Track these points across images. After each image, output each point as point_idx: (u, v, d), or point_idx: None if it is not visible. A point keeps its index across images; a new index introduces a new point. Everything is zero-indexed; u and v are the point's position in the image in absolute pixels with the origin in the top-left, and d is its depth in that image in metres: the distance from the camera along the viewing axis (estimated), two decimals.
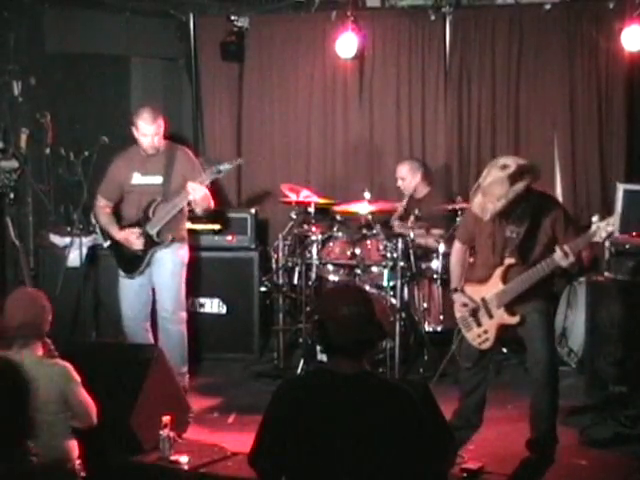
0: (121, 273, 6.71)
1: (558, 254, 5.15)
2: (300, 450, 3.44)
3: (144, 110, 6.52)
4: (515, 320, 5.41)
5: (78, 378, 4.57)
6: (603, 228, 5.11)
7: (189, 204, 6.59)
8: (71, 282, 7.20)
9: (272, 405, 3.57)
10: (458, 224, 6.00)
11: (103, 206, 6.74)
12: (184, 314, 6.76)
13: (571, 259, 5.13)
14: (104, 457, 5.07)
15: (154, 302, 6.72)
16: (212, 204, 6.73)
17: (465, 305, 5.53)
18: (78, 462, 4.58)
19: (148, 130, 6.48)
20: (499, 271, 5.42)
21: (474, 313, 5.52)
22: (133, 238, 6.54)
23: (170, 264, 6.64)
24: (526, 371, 5.92)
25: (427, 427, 3.49)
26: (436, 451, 3.63)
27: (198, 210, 6.69)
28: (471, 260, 5.86)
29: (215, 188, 6.97)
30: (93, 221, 7.54)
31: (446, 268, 6.55)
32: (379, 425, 3.36)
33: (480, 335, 5.54)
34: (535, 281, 5.29)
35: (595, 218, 5.20)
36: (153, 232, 6.53)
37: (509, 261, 5.40)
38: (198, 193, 6.44)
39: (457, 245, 5.80)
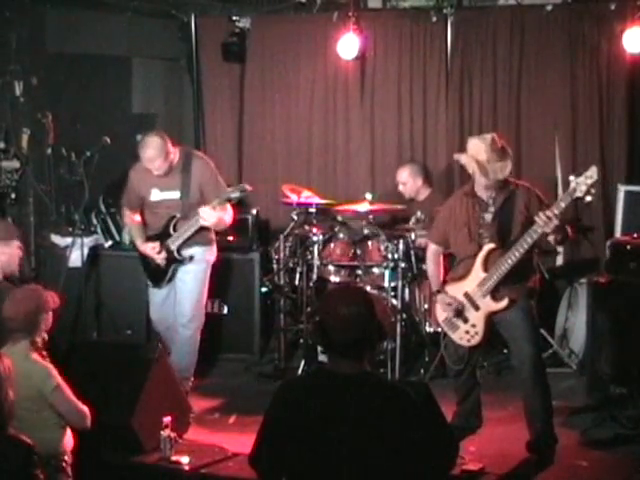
0: (148, 282, 6.74)
1: (541, 219, 5.13)
2: (300, 451, 3.44)
3: (145, 147, 6.34)
4: (503, 305, 5.41)
5: (58, 380, 4.57)
6: (582, 182, 5.10)
7: None
8: (72, 282, 7.19)
9: (273, 406, 3.57)
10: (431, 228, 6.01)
11: (129, 214, 6.78)
12: (202, 320, 6.72)
13: (555, 222, 5.11)
14: (105, 457, 5.08)
15: None
16: (229, 222, 6.69)
17: (449, 304, 5.53)
18: (66, 457, 4.58)
19: (150, 166, 6.40)
20: (479, 260, 5.43)
21: (459, 312, 5.52)
22: (153, 253, 6.54)
23: (193, 269, 6.60)
24: None
25: (427, 428, 3.49)
26: (437, 452, 3.63)
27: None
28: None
29: None
30: (94, 221, 7.58)
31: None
32: (379, 426, 3.36)
33: (468, 331, 5.54)
34: (518, 259, 5.28)
35: (572, 177, 5.20)
36: (174, 248, 6.51)
37: (489, 246, 5.41)
38: (210, 219, 6.41)
39: (431, 247, 5.84)
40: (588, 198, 5.13)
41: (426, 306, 7.33)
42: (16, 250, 5.67)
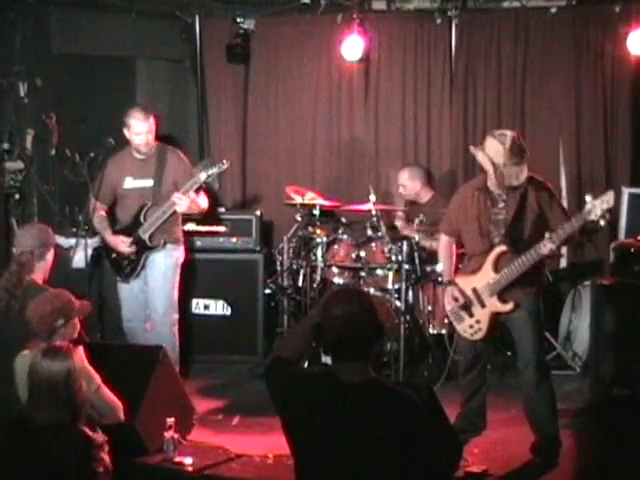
0: (117, 277, 6.80)
1: (546, 246, 5.15)
2: (306, 450, 3.44)
3: (135, 109, 6.62)
4: (508, 307, 5.41)
5: (98, 379, 4.59)
6: (598, 206, 5.04)
7: None
8: (76, 283, 7.17)
9: (284, 395, 3.56)
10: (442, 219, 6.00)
11: (97, 208, 6.81)
12: (176, 316, 6.77)
13: (554, 246, 5.14)
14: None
15: None
16: (204, 207, 6.78)
17: (456, 299, 5.54)
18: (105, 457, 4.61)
19: (141, 128, 6.55)
20: (490, 259, 5.41)
21: (465, 305, 5.52)
22: (124, 246, 6.62)
23: (162, 266, 6.68)
24: None
25: (431, 431, 3.48)
26: (440, 455, 3.62)
27: (193, 214, 6.80)
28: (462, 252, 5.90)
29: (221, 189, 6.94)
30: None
31: None
32: (383, 430, 3.35)
33: (472, 326, 5.54)
34: (527, 267, 5.28)
35: (589, 197, 5.14)
36: (145, 237, 6.59)
37: (501, 248, 5.40)
38: (183, 204, 6.48)
39: (443, 238, 5.85)
40: (602, 222, 5.09)
41: (430, 308, 7.33)
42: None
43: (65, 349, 4.04)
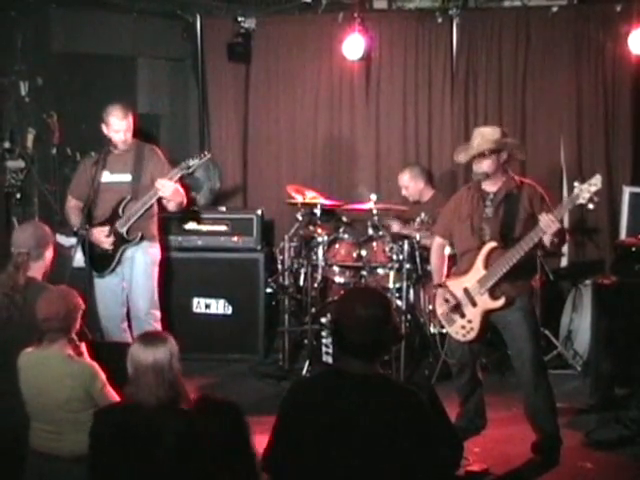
0: (93, 272, 6.68)
1: (543, 221, 5.13)
2: (312, 451, 3.44)
3: (115, 107, 6.52)
4: (500, 303, 5.41)
5: (103, 377, 4.59)
6: (585, 189, 5.09)
7: (160, 201, 6.61)
8: (76, 282, 7.16)
9: (284, 408, 3.56)
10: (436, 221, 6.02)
11: (73, 206, 6.74)
12: (158, 313, 6.72)
13: (556, 226, 5.11)
14: None
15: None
16: (185, 200, 6.72)
17: (447, 301, 5.54)
18: None
19: (120, 126, 6.50)
20: (481, 257, 5.43)
21: (456, 307, 5.52)
22: (102, 237, 6.52)
23: (142, 264, 6.63)
24: None
25: (434, 429, 3.49)
26: (442, 453, 3.62)
27: (171, 207, 6.70)
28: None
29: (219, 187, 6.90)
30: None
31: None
32: (389, 427, 3.36)
33: (464, 326, 5.54)
34: (518, 259, 5.28)
35: (577, 183, 5.20)
36: (123, 230, 6.52)
37: (491, 244, 5.40)
38: (167, 189, 6.44)
39: (436, 241, 5.86)
40: (590, 206, 5.13)
41: (430, 307, 7.31)
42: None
43: (162, 334, 4.20)
